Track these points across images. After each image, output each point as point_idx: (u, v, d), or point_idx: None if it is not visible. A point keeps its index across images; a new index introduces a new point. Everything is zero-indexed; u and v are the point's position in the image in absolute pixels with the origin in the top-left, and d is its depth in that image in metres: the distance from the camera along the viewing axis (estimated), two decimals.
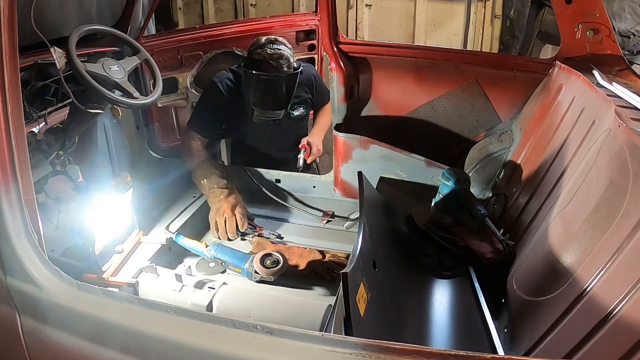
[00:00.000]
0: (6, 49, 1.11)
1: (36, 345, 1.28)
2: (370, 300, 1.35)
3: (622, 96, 1.67)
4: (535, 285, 1.56)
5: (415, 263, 1.88)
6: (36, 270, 1.21)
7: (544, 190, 1.82)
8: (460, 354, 0.88)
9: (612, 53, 2.06)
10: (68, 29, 1.79)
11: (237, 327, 1.03)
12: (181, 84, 2.74)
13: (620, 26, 3.73)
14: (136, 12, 2.43)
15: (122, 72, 1.84)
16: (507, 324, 1.60)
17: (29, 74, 1.81)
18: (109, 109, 1.92)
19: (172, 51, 2.67)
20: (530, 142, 2.11)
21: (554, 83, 2.12)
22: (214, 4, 5.34)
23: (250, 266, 1.90)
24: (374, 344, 0.92)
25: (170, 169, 2.55)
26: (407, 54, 2.53)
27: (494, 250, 1.82)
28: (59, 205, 1.74)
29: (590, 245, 1.39)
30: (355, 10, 5.09)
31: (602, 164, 1.51)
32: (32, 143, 1.72)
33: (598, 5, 2.03)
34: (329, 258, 2.03)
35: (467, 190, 2.04)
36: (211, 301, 1.72)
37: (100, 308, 1.17)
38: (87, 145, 2.24)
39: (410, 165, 2.35)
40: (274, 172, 2.53)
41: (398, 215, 2.02)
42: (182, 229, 2.13)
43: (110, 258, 1.85)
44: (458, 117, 2.50)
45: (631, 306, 1.17)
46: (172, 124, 2.81)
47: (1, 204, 1.17)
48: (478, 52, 4.40)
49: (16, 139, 1.16)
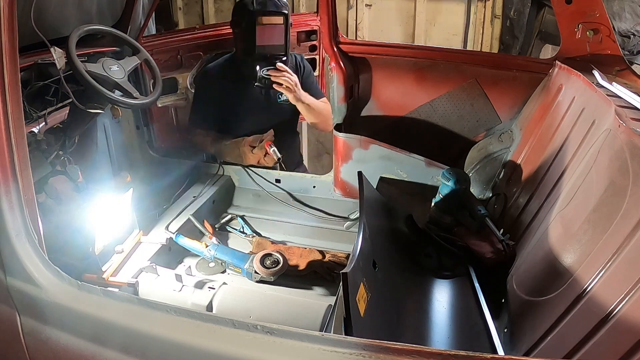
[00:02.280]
0: (6, 49, 1.11)
1: (36, 345, 1.28)
2: (370, 300, 1.35)
3: (622, 96, 1.67)
4: (535, 285, 1.56)
5: (415, 263, 1.88)
6: (36, 270, 1.21)
7: (544, 190, 1.82)
8: (460, 354, 0.88)
9: (612, 53, 2.06)
10: (68, 29, 1.79)
11: (237, 327, 1.03)
12: (181, 84, 2.73)
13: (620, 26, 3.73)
14: (136, 12, 2.43)
15: (122, 72, 1.84)
16: (507, 324, 1.60)
17: (29, 74, 1.81)
18: (109, 109, 1.91)
19: (172, 51, 2.67)
20: (530, 142, 2.11)
21: (554, 83, 2.11)
22: (214, 4, 5.32)
23: (250, 266, 1.90)
24: (374, 344, 0.92)
25: (170, 169, 2.55)
26: (407, 54, 2.54)
27: (494, 250, 1.82)
28: (59, 205, 1.74)
29: (590, 245, 1.39)
30: (355, 10, 5.08)
31: (602, 164, 1.51)
32: (32, 143, 1.72)
33: (598, 5, 2.03)
34: (329, 258, 2.03)
35: (467, 190, 2.04)
36: (211, 301, 1.72)
37: (100, 308, 1.17)
38: (87, 145, 2.24)
39: (410, 165, 2.35)
40: (274, 172, 2.53)
41: (398, 215, 2.02)
42: (182, 229, 2.13)
43: (110, 258, 1.85)
44: (458, 117, 2.50)
45: (631, 306, 1.17)
46: (172, 124, 2.81)
47: (1, 204, 1.17)
48: (478, 52, 4.39)
49: (16, 139, 1.16)
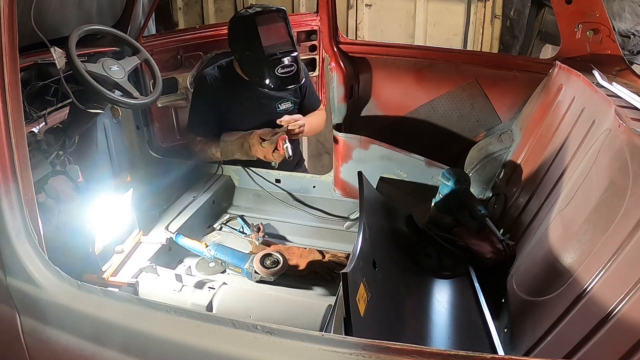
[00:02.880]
0: (6, 49, 1.11)
1: (36, 345, 1.28)
2: (370, 300, 1.35)
3: (622, 96, 1.67)
4: (535, 285, 1.56)
5: (415, 263, 1.88)
6: (36, 270, 1.21)
7: (544, 190, 1.82)
8: (460, 354, 0.88)
9: (612, 53, 2.06)
10: (68, 29, 1.79)
11: (237, 327, 1.03)
12: (181, 84, 2.73)
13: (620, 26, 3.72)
14: (136, 12, 2.43)
15: (122, 72, 1.84)
16: (507, 324, 1.60)
17: (29, 74, 1.81)
18: (109, 109, 1.91)
19: (172, 51, 2.66)
20: (530, 142, 2.11)
21: (554, 83, 2.11)
22: (214, 4, 5.32)
23: (250, 266, 1.90)
24: (374, 344, 0.92)
25: (170, 169, 2.55)
26: (407, 54, 2.53)
27: (494, 250, 1.82)
28: (59, 205, 1.74)
29: (590, 245, 1.39)
30: (355, 10, 5.08)
31: (602, 164, 1.51)
32: (32, 143, 1.72)
33: (598, 5, 2.03)
34: (329, 258, 2.03)
35: (467, 190, 2.04)
36: (211, 301, 1.72)
37: (100, 308, 1.17)
38: (87, 145, 2.24)
39: (410, 165, 2.35)
40: (274, 172, 2.53)
41: (398, 215, 2.02)
42: (182, 229, 2.13)
43: (110, 258, 1.85)
44: (458, 117, 2.50)
45: (631, 306, 1.17)
46: (172, 124, 2.81)
47: (1, 204, 1.17)
48: (478, 52, 4.39)
49: (16, 139, 1.16)
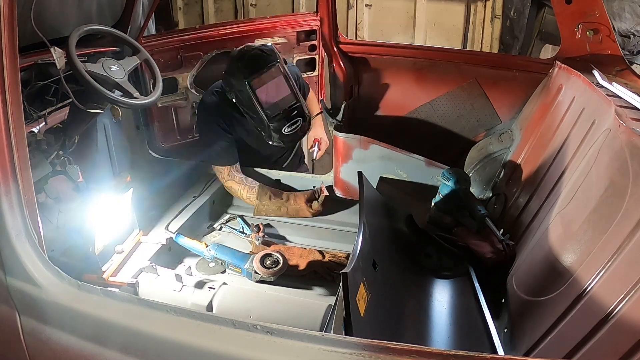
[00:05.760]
0: (6, 49, 1.11)
1: (36, 345, 1.28)
2: (370, 300, 1.35)
3: (622, 96, 1.67)
4: (535, 285, 1.56)
5: (415, 263, 1.88)
6: (36, 270, 1.21)
7: (544, 190, 1.82)
8: (460, 354, 0.88)
9: (612, 53, 2.07)
10: (68, 29, 1.79)
11: (237, 327, 1.03)
12: (181, 84, 2.73)
13: (620, 26, 3.73)
14: (136, 12, 2.43)
15: (122, 72, 1.84)
16: (507, 324, 1.60)
17: (29, 74, 1.81)
18: (109, 109, 1.92)
19: (172, 51, 2.66)
20: (530, 142, 2.11)
21: (554, 83, 2.12)
22: (214, 4, 5.33)
23: (250, 266, 1.90)
24: (374, 344, 0.92)
25: (170, 169, 2.55)
26: (407, 54, 2.54)
27: (494, 250, 1.82)
28: (59, 205, 1.74)
29: (590, 245, 1.39)
30: (355, 10, 5.09)
31: (602, 164, 1.51)
32: (32, 143, 1.72)
33: (598, 5, 2.03)
34: (329, 258, 2.03)
35: (467, 190, 2.04)
36: (211, 301, 1.72)
37: (100, 308, 1.17)
38: (87, 145, 2.24)
39: (410, 165, 2.35)
40: (274, 172, 2.53)
41: (398, 215, 2.02)
42: (182, 229, 2.13)
43: (110, 258, 1.85)
44: (458, 117, 2.50)
45: (631, 306, 1.17)
46: (172, 124, 2.81)
47: (1, 204, 1.17)
48: (478, 52, 4.40)
49: (16, 139, 1.16)
